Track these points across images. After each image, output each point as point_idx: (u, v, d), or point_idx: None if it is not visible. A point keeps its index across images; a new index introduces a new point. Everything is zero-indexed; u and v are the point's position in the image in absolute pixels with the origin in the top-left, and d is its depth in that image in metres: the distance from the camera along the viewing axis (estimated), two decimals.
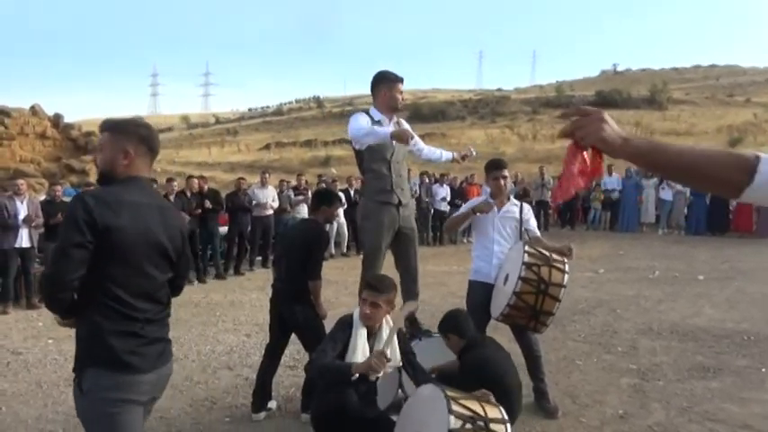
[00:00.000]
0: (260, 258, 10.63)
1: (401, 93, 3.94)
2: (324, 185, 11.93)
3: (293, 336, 3.84)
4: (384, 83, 3.91)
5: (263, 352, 3.92)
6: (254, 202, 10.01)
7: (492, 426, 2.36)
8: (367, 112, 3.89)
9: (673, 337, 5.45)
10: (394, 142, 3.70)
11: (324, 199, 3.89)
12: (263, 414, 3.74)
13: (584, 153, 1.31)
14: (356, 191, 12.42)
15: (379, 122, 3.84)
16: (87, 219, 1.90)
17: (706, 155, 1.21)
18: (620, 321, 6.10)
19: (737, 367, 4.59)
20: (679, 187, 14.77)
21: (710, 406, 3.81)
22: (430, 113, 49.69)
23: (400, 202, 3.85)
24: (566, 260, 3.49)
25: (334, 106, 75.51)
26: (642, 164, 1.28)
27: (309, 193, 11.60)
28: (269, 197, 10.30)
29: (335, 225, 11.50)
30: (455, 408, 2.35)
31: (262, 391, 3.77)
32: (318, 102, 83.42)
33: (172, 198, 8.78)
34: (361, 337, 2.94)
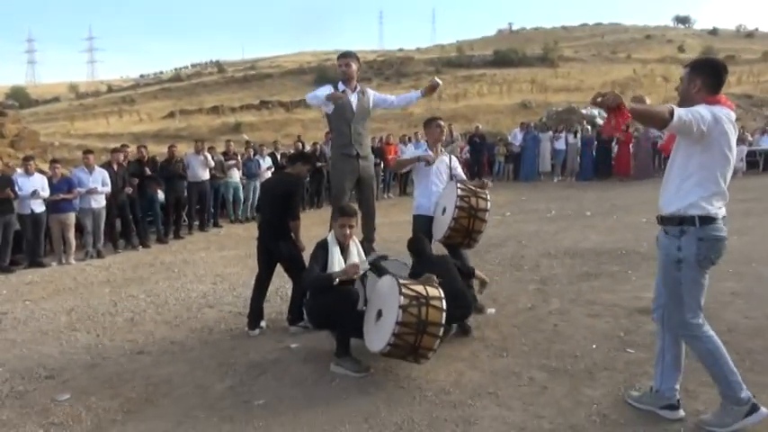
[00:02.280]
0: (197, 223, 11.16)
1: (343, 65, 4.89)
2: (252, 150, 12.58)
3: None
4: (337, 61, 4.85)
5: (254, 282, 4.81)
6: (188, 170, 10.47)
7: (431, 302, 3.45)
8: (336, 84, 4.82)
9: (566, 257, 6.87)
10: (354, 107, 4.68)
11: (301, 158, 4.83)
12: (257, 330, 4.66)
13: (613, 115, 2.62)
14: (282, 154, 13.29)
15: (343, 92, 4.78)
16: None
17: (655, 108, 2.67)
18: (525, 249, 7.47)
19: (612, 272, 6.04)
20: (571, 139, 16.71)
21: (591, 296, 5.18)
22: (336, 75, 49.82)
23: (358, 153, 4.80)
24: (486, 191, 4.64)
25: (236, 71, 73.40)
26: (634, 114, 2.59)
27: (239, 157, 12.18)
28: (203, 164, 10.77)
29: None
30: (404, 291, 3.42)
31: (255, 313, 4.69)
32: (219, 66, 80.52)
33: (115, 167, 9.13)
34: (336, 253, 3.92)
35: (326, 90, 4.77)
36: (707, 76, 2.82)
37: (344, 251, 3.98)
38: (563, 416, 3.07)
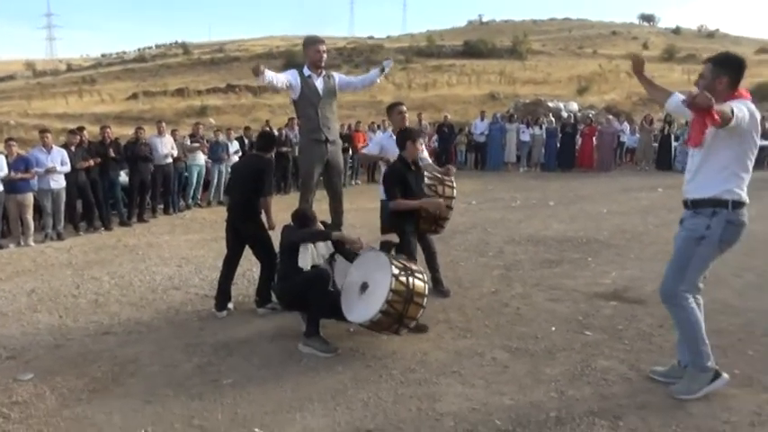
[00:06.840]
0: (161, 206, 10.99)
1: (321, 51, 4.84)
2: (214, 134, 12.48)
3: None
4: (308, 45, 4.82)
5: (222, 263, 4.80)
6: (154, 153, 10.26)
7: (416, 274, 3.72)
8: (301, 70, 4.78)
9: (529, 244, 7.05)
10: (321, 92, 4.67)
11: (261, 138, 4.85)
12: (225, 312, 4.67)
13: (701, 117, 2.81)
14: (249, 139, 13.17)
15: (309, 77, 4.76)
16: None
17: (725, 107, 2.74)
18: (490, 236, 7.62)
19: (572, 259, 6.24)
20: (536, 131, 17.00)
21: (552, 282, 5.35)
22: (304, 61, 49.37)
23: (327, 138, 4.82)
24: (452, 178, 4.74)
25: (202, 53, 71.82)
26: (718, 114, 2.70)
27: (204, 141, 12.00)
28: (167, 146, 10.59)
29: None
30: (395, 262, 3.66)
31: (223, 294, 4.69)
32: (185, 48, 78.65)
33: (73, 148, 8.90)
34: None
35: (291, 76, 4.72)
36: (733, 72, 3.01)
37: None
38: (523, 393, 3.20)
